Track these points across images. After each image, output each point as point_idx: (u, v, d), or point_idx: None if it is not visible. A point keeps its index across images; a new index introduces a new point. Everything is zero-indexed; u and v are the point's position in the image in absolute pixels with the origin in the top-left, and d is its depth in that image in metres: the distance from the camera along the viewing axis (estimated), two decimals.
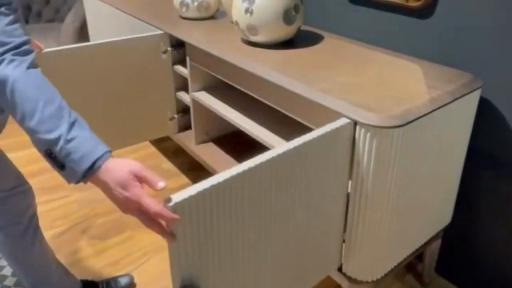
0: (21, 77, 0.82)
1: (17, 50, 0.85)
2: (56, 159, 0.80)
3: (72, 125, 0.81)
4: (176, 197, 0.80)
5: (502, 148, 1.34)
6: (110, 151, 0.82)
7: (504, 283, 1.46)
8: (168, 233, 0.81)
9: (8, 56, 0.83)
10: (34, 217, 1.32)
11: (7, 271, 1.67)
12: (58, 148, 0.79)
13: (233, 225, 0.93)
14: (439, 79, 1.27)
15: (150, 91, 1.88)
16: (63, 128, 0.80)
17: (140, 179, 0.79)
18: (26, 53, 0.86)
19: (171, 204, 0.78)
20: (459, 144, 1.33)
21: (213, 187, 0.85)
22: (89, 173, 0.79)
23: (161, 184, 0.78)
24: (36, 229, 1.33)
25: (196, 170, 2.28)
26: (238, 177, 0.89)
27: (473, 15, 1.29)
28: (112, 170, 0.78)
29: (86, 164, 0.78)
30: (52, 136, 0.79)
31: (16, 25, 0.88)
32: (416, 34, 1.46)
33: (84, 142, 0.80)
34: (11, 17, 0.87)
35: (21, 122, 0.82)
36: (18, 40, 0.86)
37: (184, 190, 0.81)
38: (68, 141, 0.79)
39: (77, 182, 0.81)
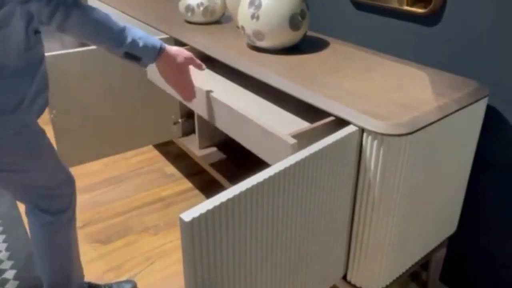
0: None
1: None
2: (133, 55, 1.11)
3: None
4: (194, 212, 0.80)
5: (509, 157, 1.33)
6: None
7: None
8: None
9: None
10: (75, 205, 1.37)
11: (9, 274, 1.66)
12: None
13: (246, 237, 0.92)
14: (446, 87, 1.26)
15: (154, 95, 1.88)
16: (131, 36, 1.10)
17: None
18: None
19: (188, 220, 0.79)
20: (466, 153, 1.32)
21: (229, 200, 0.84)
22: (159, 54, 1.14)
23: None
24: (75, 217, 1.38)
25: (199, 175, 2.27)
26: (253, 189, 0.88)
27: (480, 23, 1.28)
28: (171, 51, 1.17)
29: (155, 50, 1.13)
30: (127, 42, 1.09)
31: None
32: (423, 41, 1.45)
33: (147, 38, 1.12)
34: None
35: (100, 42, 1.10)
36: None
37: (199, 205, 0.82)
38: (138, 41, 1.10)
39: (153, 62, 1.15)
